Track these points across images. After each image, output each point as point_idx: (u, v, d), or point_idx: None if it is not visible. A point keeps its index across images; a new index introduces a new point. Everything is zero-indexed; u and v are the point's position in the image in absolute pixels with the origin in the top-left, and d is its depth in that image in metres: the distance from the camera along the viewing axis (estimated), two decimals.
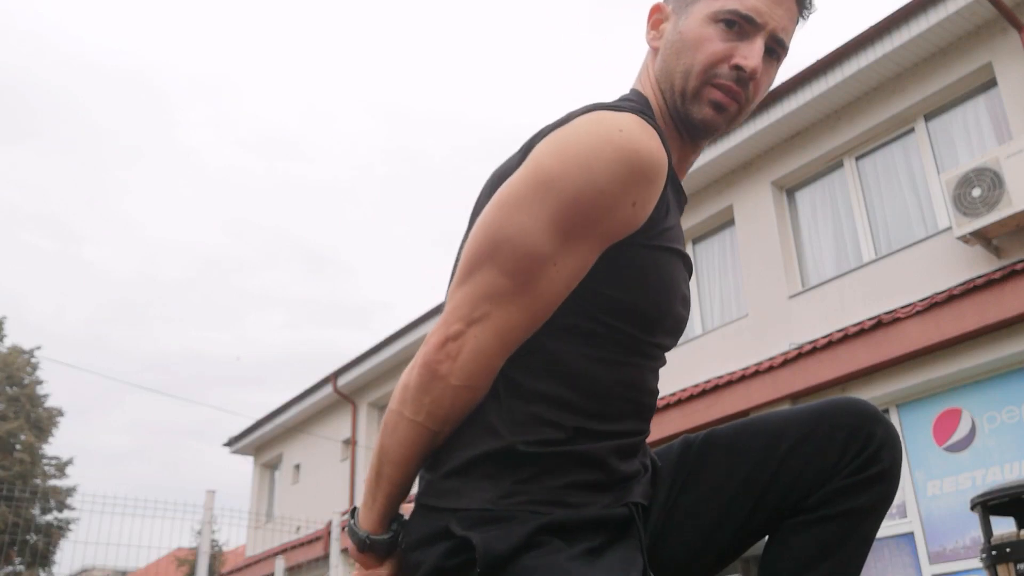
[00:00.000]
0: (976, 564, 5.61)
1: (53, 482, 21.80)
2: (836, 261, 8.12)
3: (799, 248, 8.49)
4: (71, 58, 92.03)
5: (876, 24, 7.42)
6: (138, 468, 57.41)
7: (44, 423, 22.10)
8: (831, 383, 7.11)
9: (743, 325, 8.46)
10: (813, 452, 1.14)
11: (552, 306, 1.05)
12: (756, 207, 8.72)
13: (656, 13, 1.22)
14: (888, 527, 6.53)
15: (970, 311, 6.29)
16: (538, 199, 1.00)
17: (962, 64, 7.26)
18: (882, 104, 7.80)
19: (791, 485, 1.14)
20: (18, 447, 21.31)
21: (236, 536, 33.08)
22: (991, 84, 7.19)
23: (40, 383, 22.45)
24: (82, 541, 6.77)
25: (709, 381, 8.08)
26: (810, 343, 7.39)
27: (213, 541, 12.25)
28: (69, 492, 21.53)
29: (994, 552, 3.02)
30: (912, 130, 7.76)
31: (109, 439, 55.71)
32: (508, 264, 1.02)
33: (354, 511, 1.16)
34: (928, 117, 7.66)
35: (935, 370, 6.57)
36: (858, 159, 8.18)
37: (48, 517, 21.46)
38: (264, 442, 16.62)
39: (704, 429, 1.26)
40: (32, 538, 20.56)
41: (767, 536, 1.20)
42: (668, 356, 1.20)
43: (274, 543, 14.43)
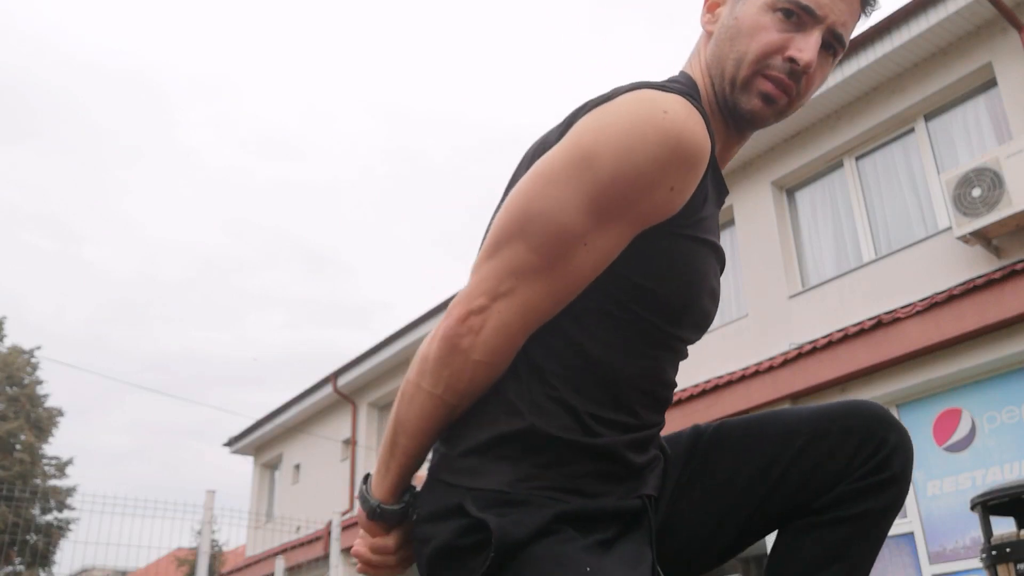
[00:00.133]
0: (976, 564, 5.61)
1: (53, 482, 21.79)
2: (836, 261, 8.12)
3: (799, 248, 8.49)
4: (71, 58, 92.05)
5: (876, 24, 7.41)
6: (138, 468, 57.41)
7: (44, 423, 22.11)
8: (831, 383, 7.11)
9: (743, 325, 8.46)
10: (825, 454, 1.13)
11: (579, 287, 1.02)
12: (756, 207, 8.71)
13: None
14: None
15: (970, 311, 6.29)
16: (575, 175, 0.97)
17: (962, 64, 7.26)
18: (882, 104, 7.80)
19: (801, 486, 1.13)
20: (18, 447, 21.32)
21: (236, 536, 33.07)
22: (991, 84, 7.19)
23: (40, 383, 22.47)
24: (82, 541, 6.78)
25: (709, 381, 8.07)
26: (810, 343, 7.38)
27: (213, 541, 12.25)
28: (69, 492, 21.53)
29: (994, 552, 3.02)
30: (912, 130, 7.76)
31: (109, 439, 55.71)
32: (538, 239, 0.99)
33: (367, 478, 1.14)
34: (928, 117, 7.67)
35: (935, 370, 6.57)
36: (858, 159, 8.18)
37: (48, 517, 21.45)
38: (264, 442, 16.61)
39: None
40: (32, 538, 20.57)
41: (771, 536, 1.20)
42: None
43: (274, 543, 14.41)
